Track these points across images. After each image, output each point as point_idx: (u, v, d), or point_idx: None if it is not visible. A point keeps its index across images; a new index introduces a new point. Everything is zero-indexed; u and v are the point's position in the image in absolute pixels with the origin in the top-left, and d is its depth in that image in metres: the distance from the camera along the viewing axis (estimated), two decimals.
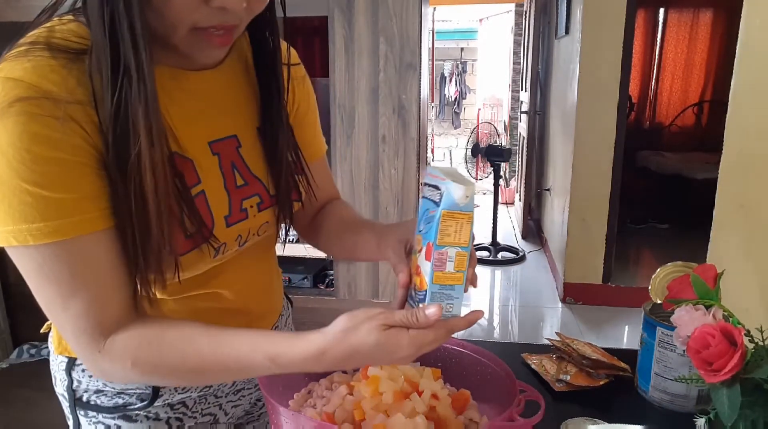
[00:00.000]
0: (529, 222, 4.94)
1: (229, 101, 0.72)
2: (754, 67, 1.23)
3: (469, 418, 0.69)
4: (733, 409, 0.64)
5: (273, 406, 0.62)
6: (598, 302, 3.45)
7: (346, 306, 0.81)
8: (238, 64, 0.75)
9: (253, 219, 0.73)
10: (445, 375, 0.74)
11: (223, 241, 0.69)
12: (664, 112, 5.16)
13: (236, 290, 0.77)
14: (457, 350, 0.77)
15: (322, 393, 0.73)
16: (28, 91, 0.53)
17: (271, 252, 0.87)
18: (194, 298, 0.73)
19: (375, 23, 2.16)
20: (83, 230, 0.56)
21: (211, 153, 0.69)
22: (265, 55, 0.73)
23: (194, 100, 0.68)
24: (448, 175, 0.64)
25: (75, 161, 0.55)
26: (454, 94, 6.61)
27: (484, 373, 0.74)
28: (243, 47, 0.75)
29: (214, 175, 0.69)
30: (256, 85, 0.75)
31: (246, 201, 0.72)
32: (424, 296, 0.64)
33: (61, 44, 0.57)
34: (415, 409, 0.63)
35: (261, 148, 0.74)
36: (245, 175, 0.72)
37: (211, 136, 0.69)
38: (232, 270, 0.76)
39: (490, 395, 0.72)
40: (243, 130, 0.73)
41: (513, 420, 0.63)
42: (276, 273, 0.90)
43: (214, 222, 0.67)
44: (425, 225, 0.66)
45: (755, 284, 1.21)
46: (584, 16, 3.12)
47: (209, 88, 0.70)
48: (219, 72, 0.71)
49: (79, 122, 0.55)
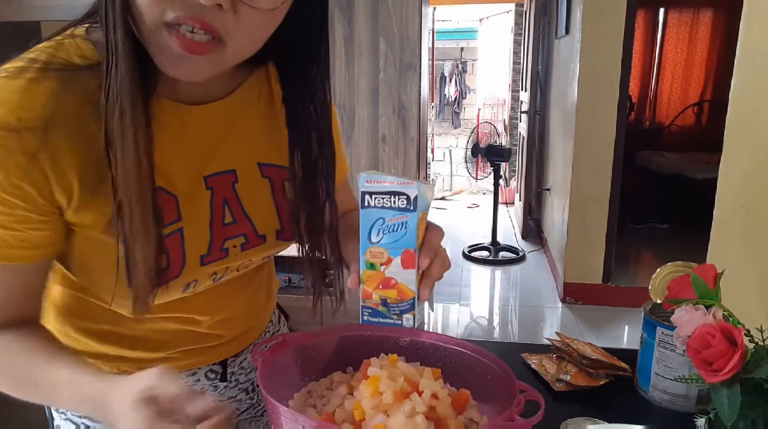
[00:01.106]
0: (529, 222, 4.94)
1: (233, 134, 0.70)
2: (754, 67, 1.23)
3: (469, 418, 0.69)
4: (733, 409, 0.64)
5: (273, 405, 0.62)
6: (598, 302, 3.45)
7: (345, 306, 0.82)
8: (259, 99, 0.72)
9: (233, 258, 0.71)
10: (444, 375, 0.74)
11: (193, 279, 0.68)
12: (664, 112, 5.16)
13: (211, 315, 0.76)
14: (456, 350, 0.77)
15: (322, 393, 0.72)
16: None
17: (259, 274, 0.84)
18: (167, 320, 0.73)
19: (375, 23, 2.16)
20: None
21: (205, 187, 0.67)
22: (303, 96, 0.69)
23: (194, 134, 0.66)
24: (398, 179, 0.64)
25: (12, 202, 0.56)
26: (454, 94, 6.61)
27: (483, 373, 0.74)
28: (269, 83, 0.73)
29: (201, 211, 0.67)
30: (279, 120, 0.72)
31: (229, 241, 0.70)
32: (412, 305, 0.65)
33: (62, 62, 0.57)
34: (415, 409, 0.63)
35: (260, 184, 0.72)
36: (236, 212, 0.70)
37: (207, 170, 0.67)
38: (208, 298, 0.74)
39: (489, 395, 0.72)
40: (243, 164, 0.71)
41: (513, 420, 0.63)
42: (264, 293, 0.87)
43: (185, 262, 0.66)
44: (385, 235, 0.65)
45: (755, 284, 1.21)
46: (584, 16, 3.12)
47: (212, 120, 0.68)
48: (225, 103, 0.69)
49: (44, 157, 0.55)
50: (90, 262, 0.64)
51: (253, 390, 0.90)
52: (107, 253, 0.60)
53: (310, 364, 0.76)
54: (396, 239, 0.64)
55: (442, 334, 0.79)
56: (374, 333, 0.78)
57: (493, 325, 3.36)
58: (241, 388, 0.88)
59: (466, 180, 6.60)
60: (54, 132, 0.56)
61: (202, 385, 0.82)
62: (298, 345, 0.75)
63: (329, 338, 0.78)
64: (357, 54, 2.20)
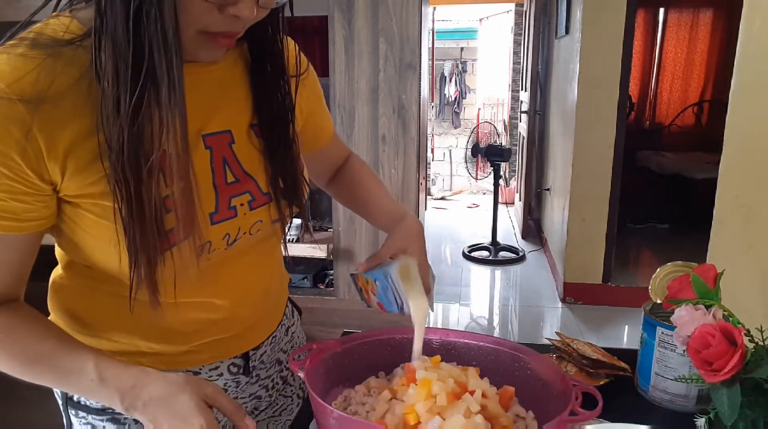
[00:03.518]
0: (529, 222, 4.93)
1: (226, 96, 0.72)
2: (754, 67, 1.23)
3: (516, 414, 0.69)
4: (733, 409, 0.64)
5: (323, 408, 0.62)
6: (598, 302, 3.45)
7: (345, 306, 0.82)
8: (239, 60, 0.74)
9: (243, 217, 0.72)
10: (482, 374, 0.73)
11: (207, 240, 0.68)
12: (664, 112, 5.15)
13: (230, 299, 0.76)
14: (492, 348, 0.77)
15: (361, 400, 0.72)
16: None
17: (273, 256, 0.86)
18: (187, 307, 0.73)
19: (375, 23, 2.16)
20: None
21: (204, 146, 0.68)
22: (266, 54, 0.73)
23: (190, 93, 0.66)
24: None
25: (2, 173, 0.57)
26: (454, 94, 6.61)
27: (522, 369, 0.74)
28: (244, 45, 0.75)
29: (203, 170, 0.68)
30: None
31: (235, 199, 0.71)
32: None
33: (49, 38, 0.58)
34: (469, 409, 0.63)
35: (255, 146, 0.73)
36: (237, 172, 0.71)
37: (205, 129, 0.68)
38: (226, 277, 0.75)
39: (526, 391, 0.73)
40: (238, 126, 0.72)
41: (576, 413, 0.62)
42: (278, 278, 0.89)
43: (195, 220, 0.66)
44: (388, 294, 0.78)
45: (755, 284, 1.21)
46: (584, 16, 3.12)
47: (205, 80, 0.69)
48: (216, 66, 0.70)
49: (25, 125, 0.56)
50: (101, 237, 0.64)
51: (273, 387, 0.91)
52: (118, 222, 0.61)
53: (343, 371, 0.76)
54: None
55: (472, 332, 0.80)
56: (404, 336, 0.78)
57: (493, 325, 3.36)
58: (262, 385, 0.88)
59: (466, 180, 6.60)
60: (46, 107, 0.56)
61: (225, 380, 0.82)
62: (332, 352, 0.75)
63: (360, 343, 0.78)
64: (357, 54, 2.20)
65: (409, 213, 0.89)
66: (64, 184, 0.61)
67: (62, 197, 0.63)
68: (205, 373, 0.79)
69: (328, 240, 2.45)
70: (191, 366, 0.78)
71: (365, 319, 2.38)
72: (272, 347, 0.88)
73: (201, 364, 0.79)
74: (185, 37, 0.57)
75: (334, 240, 2.40)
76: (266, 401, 0.91)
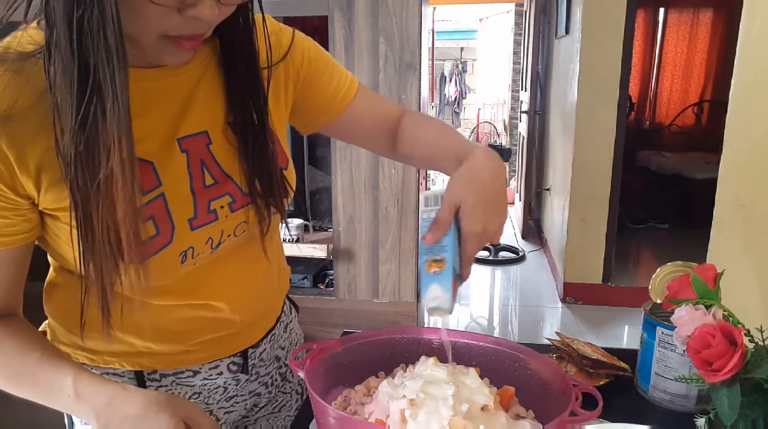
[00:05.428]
0: (529, 222, 4.94)
1: (199, 97, 0.70)
2: (754, 67, 1.23)
3: (516, 414, 0.69)
4: (733, 409, 0.64)
5: (323, 408, 0.61)
6: (598, 302, 3.45)
7: (345, 306, 0.81)
8: (212, 57, 0.72)
9: (224, 220, 0.71)
10: (482, 374, 0.73)
11: (189, 245, 0.67)
12: (664, 112, 5.16)
13: (226, 300, 0.76)
14: (492, 348, 0.77)
15: (361, 400, 0.72)
16: None
17: (268, 253, 0.83)
18: (184, 307, 0.73)
19: (375, 23, 2.16)
20: None
21: (180, 150, 0.67)
22: (237, 49, 0.70)
23: (161, 98, 0.66)
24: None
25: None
26: (454, 94, 6.61)
27: (522, 369, 0.74)
28: (216, 40, 0.72)
29: (180, 175, 0.67)
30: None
31: (215, 202, 0.69)
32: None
33: (15, 53, 0.57)
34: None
35: (232, 144, 0.71)
36: (216, 173, 0.70)
37: (179, 132, 0.67)
38: (219, 279, 0.74)
39: (526, 391, 0.73)
40: (213, 125, 0.70)
41: (576, 414, 0.62)
42: (276, 274, 0.87)
43: (174, 226, 0.66)
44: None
45: (755, 284, 1.21)
46: (584, 16, 3.12)
47: (176, 83, 0.67)
48: (186, 67, 0.68)
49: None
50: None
51: (272, 384, 0.91)
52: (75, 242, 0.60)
53: (343, 371, 0.76)
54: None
55: (472, 332, 0.79)
56: (404, 335, 0.78)
57: (493, 325, 3.36)
58: (261, 382, 0.89)
59: None
60: (13, 124, 0.56)
61: (225, 378, 0.82)
62: (332, 352, 0.75)
63: (360, 343, 0.78)
64: (357, 54, 2.19)
65: (476, 149, 0.74)
66: (42, 198, 0.61)
67: (42, 210, 0.63)
68: (204, 372, 0.80)
69: (328, 240, 2.45)
70: (190, 365, 0.78)
71: (365, 319, 2.38)
72: (271, 345, 0.88)
73: (200, 363, 0.79)
74: (146, 43, 0.56)
75: (334, 240, 2.40)
76: (266, 398, 0.91)
